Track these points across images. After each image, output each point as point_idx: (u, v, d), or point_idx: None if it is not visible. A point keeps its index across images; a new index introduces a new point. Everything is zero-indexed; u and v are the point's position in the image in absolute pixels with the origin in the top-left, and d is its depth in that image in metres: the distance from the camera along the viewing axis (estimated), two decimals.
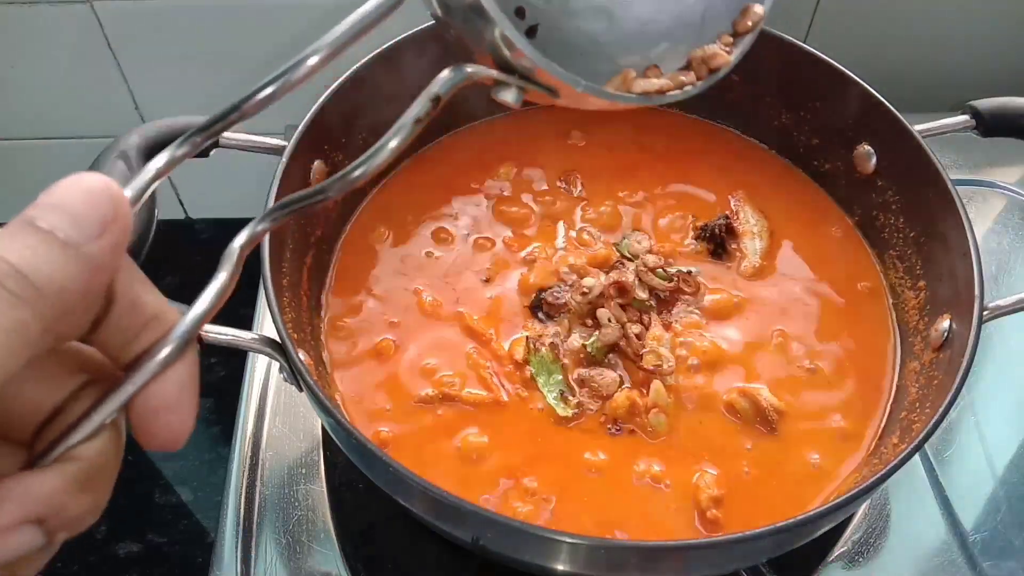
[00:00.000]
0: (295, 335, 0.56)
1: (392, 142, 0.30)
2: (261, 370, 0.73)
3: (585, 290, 0.64)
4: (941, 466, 0.69)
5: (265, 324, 0.73)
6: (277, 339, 0.54)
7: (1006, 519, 0.67)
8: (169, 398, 0.27)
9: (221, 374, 1.02)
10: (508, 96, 0.34)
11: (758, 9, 0.39)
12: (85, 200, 0.25)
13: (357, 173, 0.30)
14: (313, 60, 0.30)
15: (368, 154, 0.30)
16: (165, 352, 0.27)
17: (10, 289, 0.23)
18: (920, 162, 0.65)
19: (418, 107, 0.31)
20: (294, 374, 0.54)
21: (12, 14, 0.86)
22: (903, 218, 0.69)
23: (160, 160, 0.29)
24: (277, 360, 0.54)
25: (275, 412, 0.70)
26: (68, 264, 0.24)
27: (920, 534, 0.66)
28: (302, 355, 0.54)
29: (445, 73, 0.31)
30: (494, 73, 0.32)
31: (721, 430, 0.61)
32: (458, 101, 0.79)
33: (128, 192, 0.28)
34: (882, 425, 0.62)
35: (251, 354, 0.74)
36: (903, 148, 0.66)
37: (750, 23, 0.39)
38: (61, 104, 0.96)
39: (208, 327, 0.52)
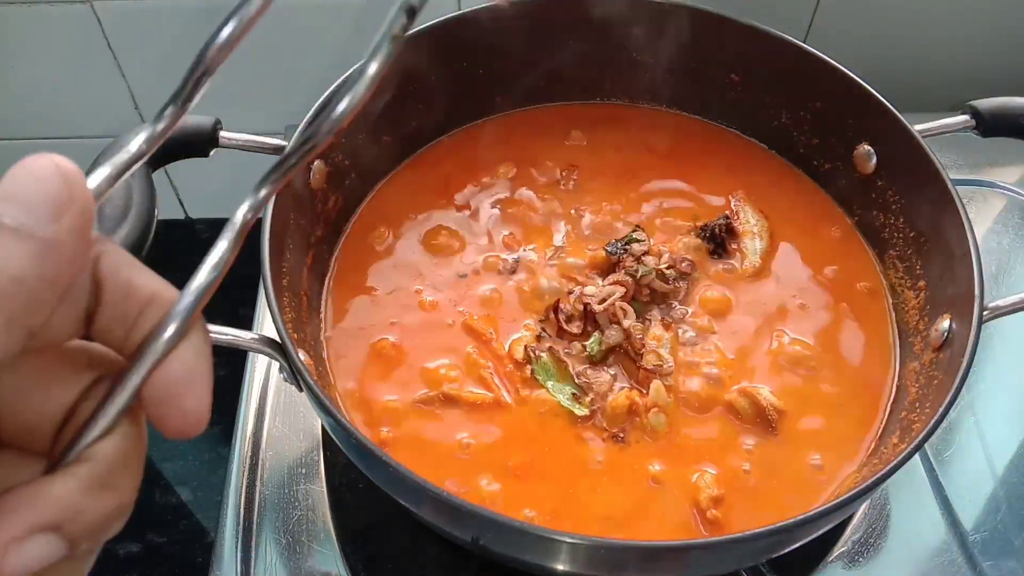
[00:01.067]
0: (295, 335, 0.56)
1: (372, 66, 0.28)
2: (261, 370, 0.73)
3: (588, 299, 0.64)
4: (941, 466, 0.69)
5: (265, 324, 0.73)
6: (277, 339, 0.54)
7: (1006, 519, 0.67)
8: (179, 381, 0.25)
9: (221, 374, 1.02)
10: None
11: None
12: (34, 183, 0.23)
13: (342, 107, 0.28)
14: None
15: (349, 86, 0.29)
16: (168, 334, 0.25)
17: None
18: (920, 162, 0.65)
19: (393, 22, 0.28)
20: (294, 374, 0.54)
21: (12, 14, 0.86)
22: (903, 218, 0.69)
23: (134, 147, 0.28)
24: (277, 360, 0.54)
25: (275, 412, 0.70)
26: (22, 252, 0.22)
27: (920, 534, 0.66)
28: (302, 355, 0.54)
29: None
30: None
31: (721, 430, 0.61)
32: (458, 101, 0.79)
33: (98, 176, 0.26)
34: (882, 425, 0.62)
35: (251, 354, 0.74)
36: (903, 148, 0.66)
37: None
38: (61, 104, 0.96)
39: (208, 327, 0.52)
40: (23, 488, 0.23)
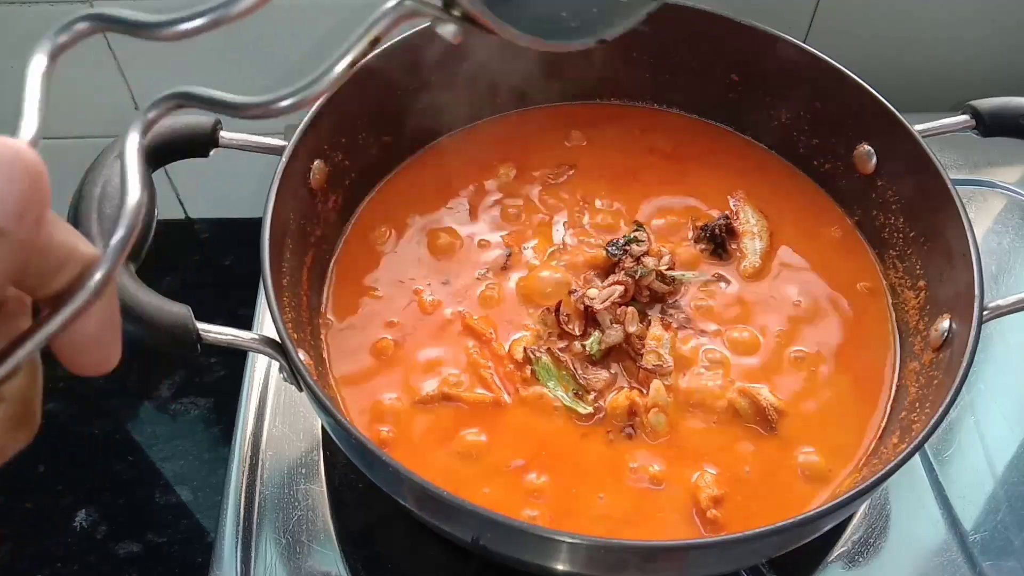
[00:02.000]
0: (295, 335, 0.56)
1: (330, 75, 0.29)
2: (261, 370, 0.73)
3: (589, 301, 0.64)
4: (941, 466, 0.69)
5: (265, 324, 0.73)
6: (277, 339, 0.54)
7: (1006, 519, 0.67)
8: (91, 335, 0.27)
9: (221, 374, 1.02)
10: (447, 32, 0.31)
11: None
12: (5, 183, 0.24)
13: (284, 104, 0.29)
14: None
15: (298, 87, 0.29)
16: (86, 292, 0.26)
17: None
18: (920, 162, 0.65)
19: (355, 51, 0.29)
20: (294, 374, 0.54)
21: (12, 14, 0.86)
22: (903, 218, 0.69)
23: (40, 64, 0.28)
24: (277, 360, 0.54)
25: (275, 412, 0.70)
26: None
27: (920, 534, 0.66)
28: (302, 355, 0.54)
29: (385, 8, 0.29)
30: (435, 10, 0.30)
31: (721, 430, 0.61)
32: (458, 101, 0.79)
33: (29, 131, 0.26)
34: (882, 425, 0.62)
35: (251, 354, 0.74)
36: (903, 148, 0.66)
37: None
38: (61, 104, 0.96)
39: (208, 327, 0.52)
40: None
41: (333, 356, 0.64)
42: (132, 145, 0.28)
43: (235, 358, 0.72)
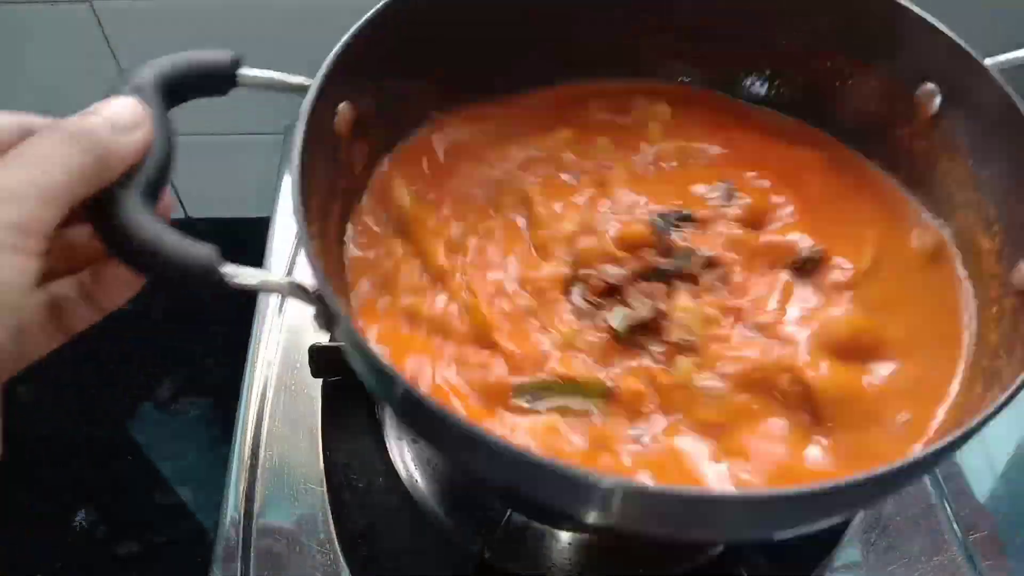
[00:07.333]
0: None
1: None
2: (261, 370, 0.73)
3: (608, 278, 0.55)
4: (941, 466, 0.69)
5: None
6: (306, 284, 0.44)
7: (1006, 519, 0.67)
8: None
9: (221, 374, 1.02)
10: None
11: None
12: (122, 110, 0.40)
13: None
14: None
15: None
16: None
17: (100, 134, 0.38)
18: (992, 99, 0.55)
19: None
20: (327, 317, 0.45)
21: (12, 14, 0.86)
22: (972, 160, 0.58)
23: None
24: (310, 304, 0.45)
25: (275, 412, 0.70)
26: (116, 138, 0.39)
27: (920, 534, 0.66)
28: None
29: None
30: None
31: (757, 411, 0.51)
32: (515, 63, 0.66)
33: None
34: (964, 378, 0.53)
35: (251, 355, 0.73)
36: (971, 84, 0.56)
37: None
38: (61, 104, 0.96)
39: (235, 268, 0.42)
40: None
41: (360, 302, 0.55)
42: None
43: (235, 358, 0.72)
